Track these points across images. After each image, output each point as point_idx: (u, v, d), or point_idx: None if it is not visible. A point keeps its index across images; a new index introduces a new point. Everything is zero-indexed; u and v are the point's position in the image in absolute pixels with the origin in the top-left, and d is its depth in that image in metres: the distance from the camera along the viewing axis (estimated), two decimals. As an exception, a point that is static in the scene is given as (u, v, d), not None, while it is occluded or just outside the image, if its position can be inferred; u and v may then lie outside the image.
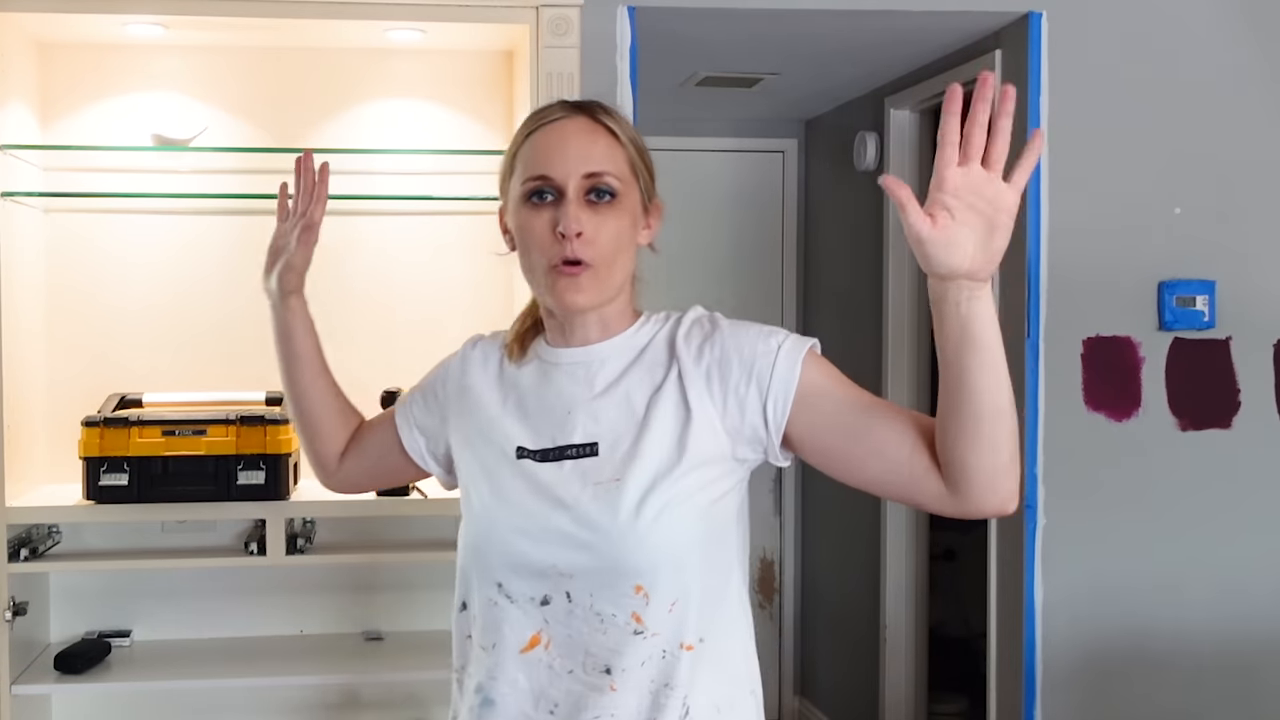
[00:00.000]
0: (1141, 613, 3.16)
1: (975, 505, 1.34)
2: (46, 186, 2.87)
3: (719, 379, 1.43)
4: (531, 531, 1.44)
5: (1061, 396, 3.10)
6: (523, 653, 1.45)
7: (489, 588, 1.48)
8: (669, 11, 3.01)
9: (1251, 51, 3.15)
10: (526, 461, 1.48)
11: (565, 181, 1.44)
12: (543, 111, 1.51)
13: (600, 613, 1.41)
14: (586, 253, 1.44)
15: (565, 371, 1.51)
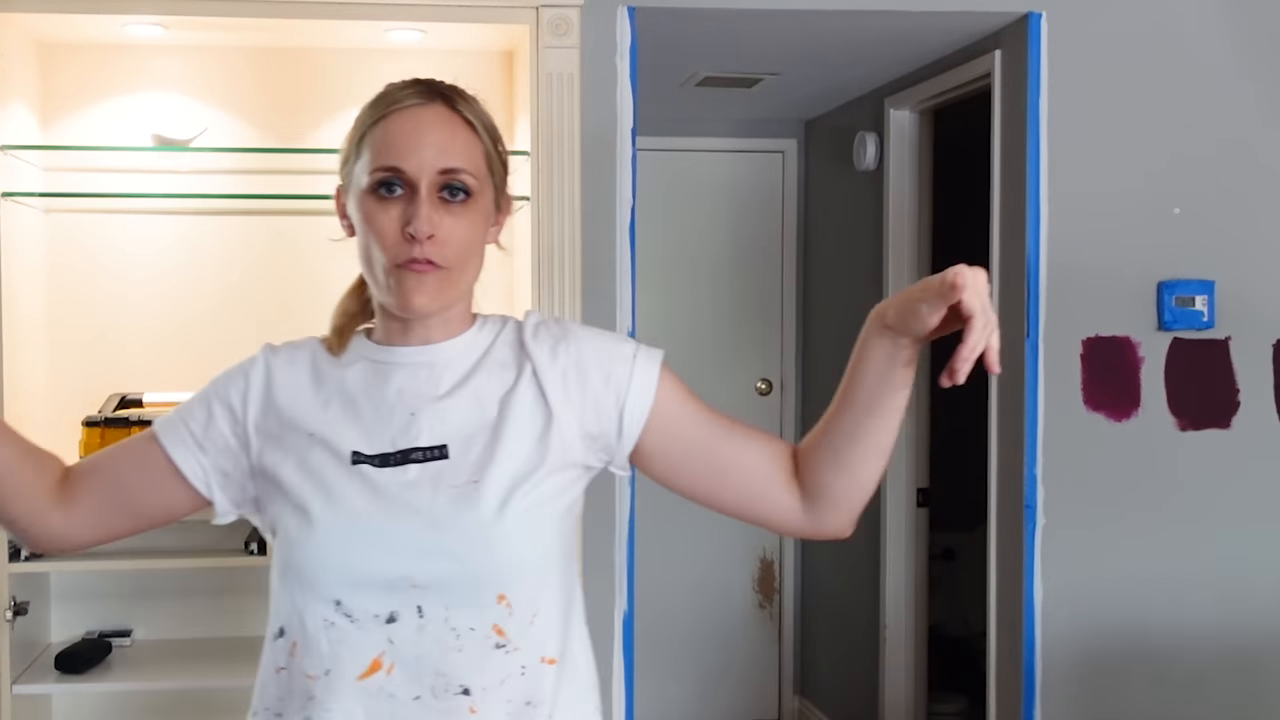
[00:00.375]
0: (1141, 612, 3.16)
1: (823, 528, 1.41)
2: (46, 186, 2.87)
3: (577, 382, 1.38)
4: (378, 542, 1.30)
5: (1061, 396, 3.10)
6: (360, 680, 1.30)
7: (324, 607, 1.30)
8: (669, 11, 3.02)
9: (1251, 51, 3.15)
10: (365, 467, 1.33)
11: (418, 177, 1.32)
12: (396, 93, 1.38)
13: (456, 627, 1.29)
14: (437, 255, 1.32)
15: (404, 371, 1.38)
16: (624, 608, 3.01)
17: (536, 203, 2.76)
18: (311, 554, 1.31)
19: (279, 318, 3.00)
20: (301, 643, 1.32)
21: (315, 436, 1.36)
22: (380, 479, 1.32)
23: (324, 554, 1.31)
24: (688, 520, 4.66)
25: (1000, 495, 3.25)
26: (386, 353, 1.40)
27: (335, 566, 1.30)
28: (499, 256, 1.65)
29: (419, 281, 1.32)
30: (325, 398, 1.38)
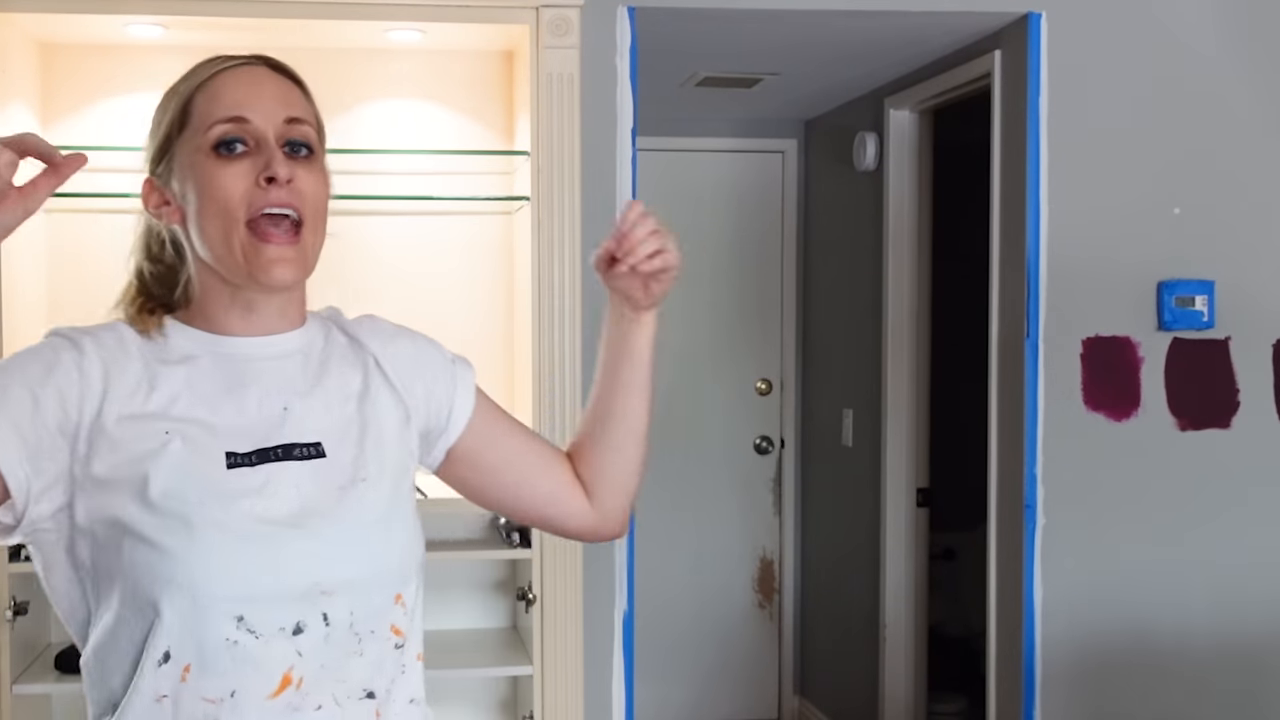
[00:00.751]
0: (1141, 613, 3.16)
1: (605, 523, 1.47)
2: (47, 186, 2.87)
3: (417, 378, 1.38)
4: (279, 550, 1.21)
5: (1061, 397, 3.10)
6: (271, 698, 1.20)
7: (224, 625, 1.18)
8: (669, 11, 3.02)
9: (1251, 51, 3.16)
10: (243, 470, 1.22)
11: (265, 126, 1.24)
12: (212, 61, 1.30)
13: (359, 632, 1.24)
14: (296, 201, 1.24)
15: (260, 365, 1.28)
16: (624, 608, 3.01)
17: (536, 203, 2.76)
18: (203, 568, 1.17)
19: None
20: (197, 665, 1.19)
21: (174, 434, 1.21)
22: (264, 480, 1.23)
23: (220, 567, 1.18)
24: (688, 520, 4.66)
25: (1000, 495, 3.25)
26: (231, 344, 1.28)
27: (235, 579, 1.19)
28: (501, 256, 1.66)
29: (280, 251, 1.23)
30: (170, 393, 1.24)
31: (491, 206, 3.03)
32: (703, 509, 4.70)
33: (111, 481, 1.20)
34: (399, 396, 1.36)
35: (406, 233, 3.04)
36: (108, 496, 1.20)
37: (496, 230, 3.06)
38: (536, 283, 2.78)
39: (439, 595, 3.08)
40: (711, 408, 4.68)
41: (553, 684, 2.81)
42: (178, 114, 1.29)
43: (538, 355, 2.79)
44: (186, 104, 1.28)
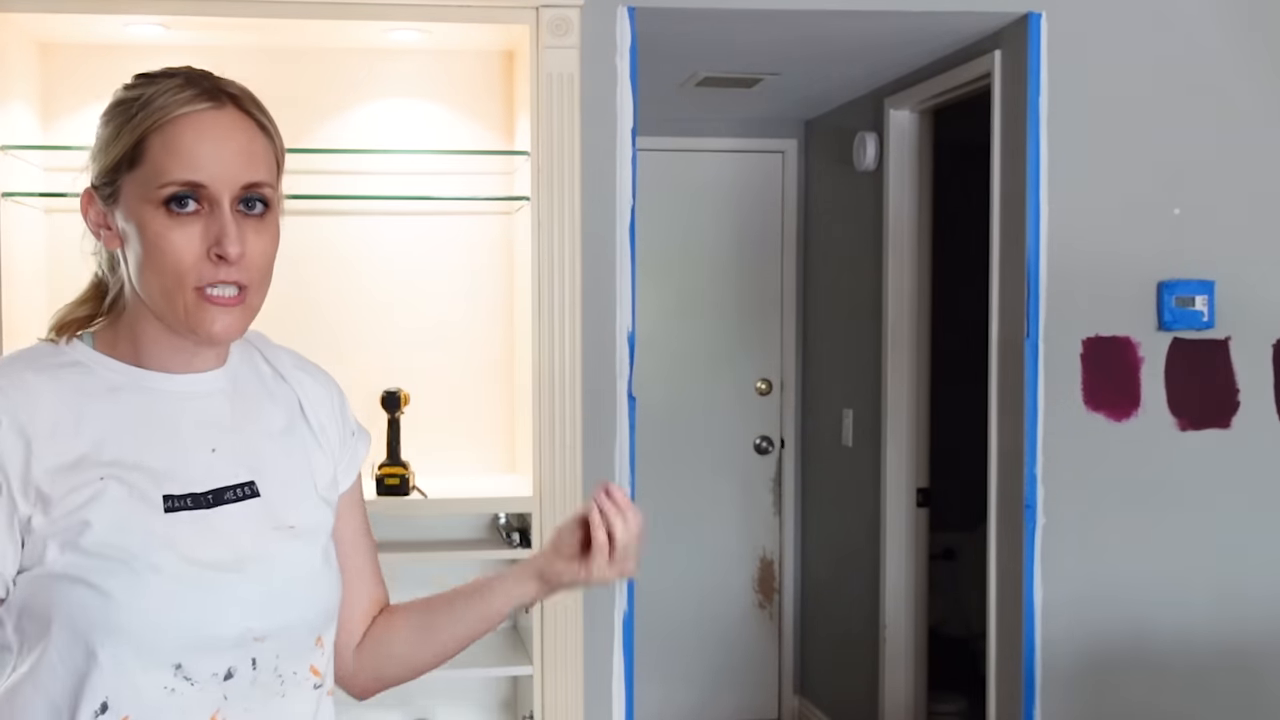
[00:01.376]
0: (1141, 613, 3.16)
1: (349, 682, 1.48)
2: (46, 186, 2.87)
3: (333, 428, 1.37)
4: (217, 598, 1.19)
5: (1061, 396, 3.10)
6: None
7: (161, 673, 1.17)
8: (669, 11, 3.02)
9: (1251, 51, 3.16)
10: (181, 514, 1.20)
11: (220, 192, 1.18)
12: (175, 92, 1.21)
13: (282, 674, 1.25)
14: (242, 275, 1.20)
15: (187, 402, 1.25)
16: (624, 608, 3.01)
17: (536, 203, 2.76)
18: (145, 615, 1.16)
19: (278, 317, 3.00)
20: (135, 716, 1.17)
21: (108, 479, 1.18)
22: (203, 524, 1.21)
23: (163, 615, 1.16)
24: (688, 520, 4.66)
25: (1000, 495, 3.25)
26: (156, 380, 1.25)
27: (178, 627, 1.17)
28: (501, 256, 1.65)
29: (223, 314, 1.20)
30: (98, 433, 1.20)
31: (491, 206, 3.03)
32: (703, 509, 4.70)
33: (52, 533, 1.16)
34: (320, 445, 1.35)
35: (406, 233, 3.04)
36: (47, 544, 1.16)
37: (496, 230, 3.06)
38: (536, 283, 2.77)
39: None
40: (711, 408, 4.68)
41: (553, 684, 2.81)
42: (129, 149, 1.21)
43: (537, 355, 2.79)
44: (140, 141, 1.20)
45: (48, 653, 1.17)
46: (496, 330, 3.07)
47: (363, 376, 3.01)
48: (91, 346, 1.27)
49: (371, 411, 2.92)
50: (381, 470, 2.79)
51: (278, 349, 1.40)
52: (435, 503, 2.77)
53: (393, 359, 3.03)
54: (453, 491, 2.83)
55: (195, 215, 1.19)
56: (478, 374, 3.08)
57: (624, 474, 2.99)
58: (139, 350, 1.25)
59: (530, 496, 2.80)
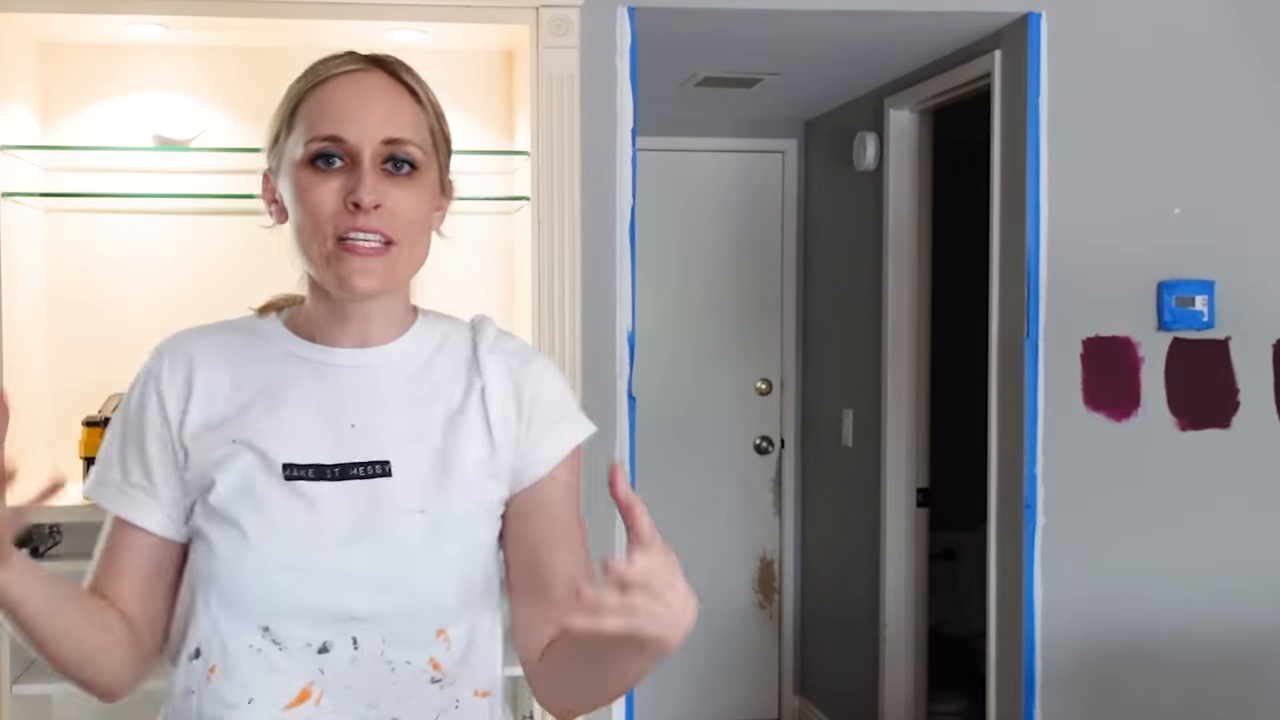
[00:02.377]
0: (1141, 613, 3.16)
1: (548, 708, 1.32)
2: (47, 186, 2.87)
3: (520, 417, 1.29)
4: (317, 569, 1.20)
5: (1061, 396, 3.10)
6: (288, 709, 1.21)
7: (249, 633, 1.21)
8: (669, 11, 3.01)
9: (1250, 51, 3.16)
10: (300, 483, 1.22)
11: (361, 146, 1.21)
12: (331, 61, 1.27)
13: (392, 660, 1.22)
14: (383, 225, 1.21)
15: (341, 375, 1.27)
16: (624, 608, 3.01)
17: (536, 203, 2.76)
18: (243, 576, 1.20)
19: (279, 318, 3.00)
20: (222, 667, 1.22)
21: (240, 442, 1.23)
22: (318, 496, 1.22)
23: (257, 578, 1.20)
24: (687, 520, 4.66)
25: (1000, 495, 3.25)
26: (320, 352, 1.28)
27: (268, 592, 1.20)
28: (501, 256, 1.64)
29: (364, 263, 1.21)
30: (246, 399, 1.26)
31: (491, 206, 3.03)
32: (703, 509, 4.70)
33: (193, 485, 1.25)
34: (490, 435, 1.27)
35: (406, 233, 3.04)
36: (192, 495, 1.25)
37: (496, 230, 3.06)
38: (536, 283, 2.77)
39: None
40: (711, 408, 4.68)
41: (553, 684, 2.81)
42: (287, 114, 1.28)
43: (538, 355, 2.78)
44: (296, 105, 1.27)
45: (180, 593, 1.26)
46: (496, 330, 3.07)
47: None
48: (284, 322, 1.32)
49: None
50: (381, 470, 2.79)
51: (495, 334, 1.35)
52: (435, 503, 2.77)
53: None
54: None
55: (339, 171, 1.22)
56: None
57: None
58: (313, 325, 1.29)
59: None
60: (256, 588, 1.20)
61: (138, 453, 1.28)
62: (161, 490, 1.27)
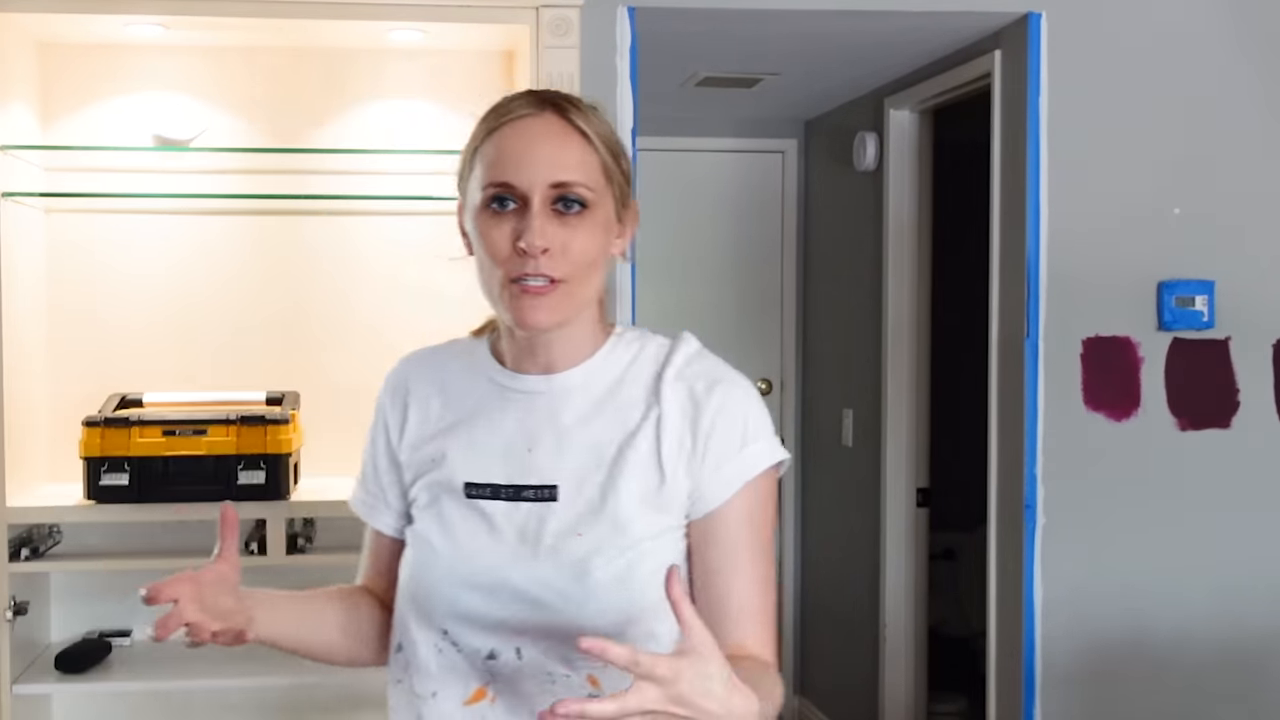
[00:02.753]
0: (1141, 613, 3.16)
1: None
2: (47, 186, 2.87)
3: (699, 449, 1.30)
4: (483, 585, 1.30)
5: (1061, 396, 3.10)
6: (466, 705, 1.32)
7: (433, 635, 1.33)
8: (669, 11, 3.02)
9: (1250, 51, 3.15)
10: (478, 501, 1.33)
11: (530, 191, 1.28)
12: (507, 104, 1.35)
13: (552, 673, 1.29)
14: (553, 269, 1.27)
15: (525, 401, 1.35)
16: (624, 608, 3.01)
17: (536, 203, 2.76)
18: (427, 584, 1.33)
19: (279, 317, 3.00)
20: (413, 662, 1.35)
21: (436, 460, 1.37)
22: (492, 515, 1.32)
23: (438, 587, 1.32)
24: (688, 520, 4.65)
25: (1000, 495, 3.25)
26: (509, 378, 1.37)
27: (445, 600, 1.32)
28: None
29: (534, 300, 1.28)
30: (450, 419, 1.39)
31: (491, 206, 3.03)
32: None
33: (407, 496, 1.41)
34: (659, 465, 1.30)
35: (407, 233, 3.04)
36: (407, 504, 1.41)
37: (496, 230, 3.06)
38: (536, 283, 2.77)
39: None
40: (711, 408, 4.67)
41: (553, 684, 2.81)
42: (470, 155, 1.37)
43: (538, 355, 2.79)
44: (474, 152, 1.36)
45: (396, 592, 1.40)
46: (496, 330, 3.07)
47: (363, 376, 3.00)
48: (489, 346, 1.42)
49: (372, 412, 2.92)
50: (381, 470, 2.79)
51: (688, 356, 1.38)
52: (435, 503, 2.77)
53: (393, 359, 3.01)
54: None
55: (512, 214, 1.29)
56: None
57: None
58: (505, 351, 1.39)
59: (530, 496, 2.80)
60: (436, 595, 1.32)
61: (373, 468, 1.46)
62: (391, 499, 1.44)
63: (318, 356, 3.01)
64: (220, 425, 2.66)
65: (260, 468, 2.66)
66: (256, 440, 2.66)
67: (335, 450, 3.00)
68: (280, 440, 2.67)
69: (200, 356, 2.97)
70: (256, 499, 2.67)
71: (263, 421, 2.67)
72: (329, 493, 2.81)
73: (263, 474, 2.66)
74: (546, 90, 1.37)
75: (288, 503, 2.71)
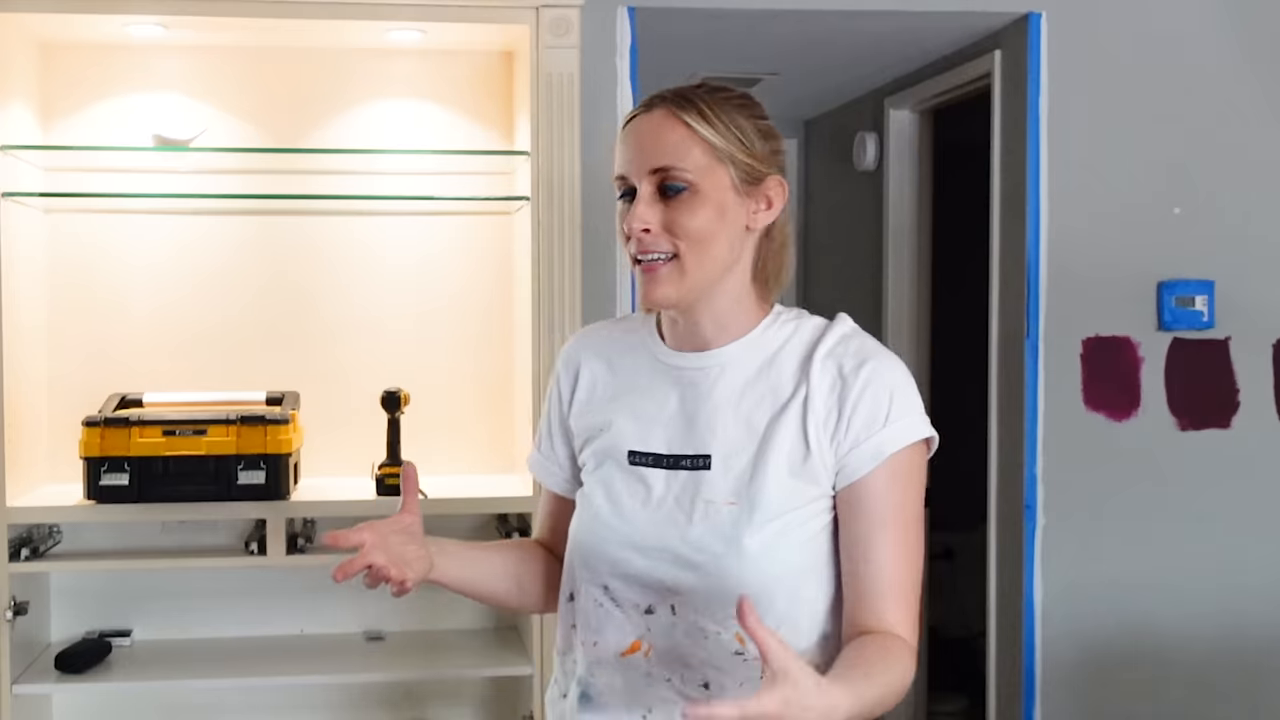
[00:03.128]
0: (1141, 613, 3.16)
1: None
2: (47, 186, 2.87)
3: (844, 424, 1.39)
4: (642, 546, 1.43)
5: (1061, 396, 3.10)
6: (623, 656, 1.45)
7: (595, 589, 1.46)
8: (669, 11, 3.02)
9: (1250, 51, 3.16)
10: (640, 469, 1.45)
11: (636, 180, 1.42)
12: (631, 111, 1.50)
13: (705, 629, 1.39)
14: (659, 245, 1.41)
15: (683, 377, 1.47)
16: (624, 608, 3.01)
17: (536, 203, 2.76)
18: (592, 542, 1.47)
19: (279, 317, 3.00)
20: (580, 612, 1.48)
21: (603, 429, 1.50)
22: (652, 482, 1.44)
23: (601, 546, 1.45)
24: (688, 520, 4.66)
25: (1000, 495, 3.25)
26: (668, 355, 1.49)
27: (607, 559, 1.45)
28: (501, 256, 1.60)
29: (652, 277, 1.41)
30: (615, 390, 1.51)
31: (491, 206, 3.03)
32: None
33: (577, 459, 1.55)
34: (805, 439, 1.39)
35: (406, 233, 3.04)
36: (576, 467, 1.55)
37: (496, 230, 3.06)
38: (536, 283, 2.77)
39: (439, 595, 3.08)
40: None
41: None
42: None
43: (537, 355, 2.79)
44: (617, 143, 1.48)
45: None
46: (496, 330, 3.07)
47: (363, 376, 3.01)
48: (655, 322, 1.53)
49: (372, 412, 2.92)
50: (381, 470, 2.79)
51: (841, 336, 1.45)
52: (435, 503, 2.77)
53: (392, 359, 3.03)
54: (453, 491, 2.83)
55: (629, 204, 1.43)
56: (478, 374, 3.08)
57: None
58: (666, 329, 1.51)
59: (530, 496, 2.79)
60: (599, 554, 1.45)
61: (547, 432, 1.60)
62: (562, 461, 1.57)
63: (318, 356, 3.01)
64: (220, 425, 2.66)
65: (260, 468, 2.66)
66: (256, 440, 2.66)
67: (335, 450, 3.00)
68: (280, 440, 2.67)
69: (200, 356, 2.97)
70: (256, 499, 2.67)
71: (263, 421, 2.67)
72: (329, 493, 2.82)
73: (263, 474, 2.66)
74: (668, 88, 1.46)
75: (287, 503, 2.71)
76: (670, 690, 1.41)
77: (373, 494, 2.78)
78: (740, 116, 1.44)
